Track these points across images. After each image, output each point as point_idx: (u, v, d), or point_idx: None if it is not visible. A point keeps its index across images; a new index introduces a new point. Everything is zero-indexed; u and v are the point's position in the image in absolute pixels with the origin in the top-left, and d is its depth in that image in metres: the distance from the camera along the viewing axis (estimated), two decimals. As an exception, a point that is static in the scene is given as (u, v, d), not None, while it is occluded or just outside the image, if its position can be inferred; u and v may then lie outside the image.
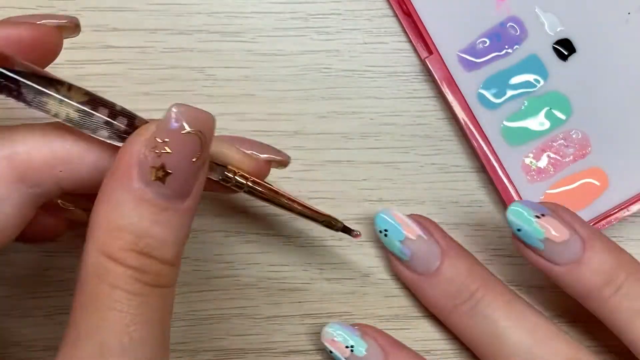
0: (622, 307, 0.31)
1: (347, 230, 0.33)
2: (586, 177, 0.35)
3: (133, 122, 0.26)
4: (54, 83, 0.25)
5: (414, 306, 0.36)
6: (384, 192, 0.36)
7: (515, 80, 0.34)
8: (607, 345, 0.35)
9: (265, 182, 0.30)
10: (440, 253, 0.34)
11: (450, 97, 0.34)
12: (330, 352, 0.34)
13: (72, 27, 0.28)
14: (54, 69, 0.35)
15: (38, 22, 0.27)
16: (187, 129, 0.24)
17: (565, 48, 0.34)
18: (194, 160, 0.24)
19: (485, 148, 0.34)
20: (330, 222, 0.32)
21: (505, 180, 0.34)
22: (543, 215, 0.31)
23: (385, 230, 0.34)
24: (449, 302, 0.33)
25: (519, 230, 0.31)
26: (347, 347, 0.34)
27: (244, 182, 0.29)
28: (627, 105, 0.34)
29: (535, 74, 0.34)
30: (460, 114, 0.34)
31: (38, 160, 0.26)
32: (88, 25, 0.35)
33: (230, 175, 0.28)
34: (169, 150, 0.24)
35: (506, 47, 0.34)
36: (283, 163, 0.31)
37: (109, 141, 0.25)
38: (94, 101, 0.25)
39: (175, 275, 0.26)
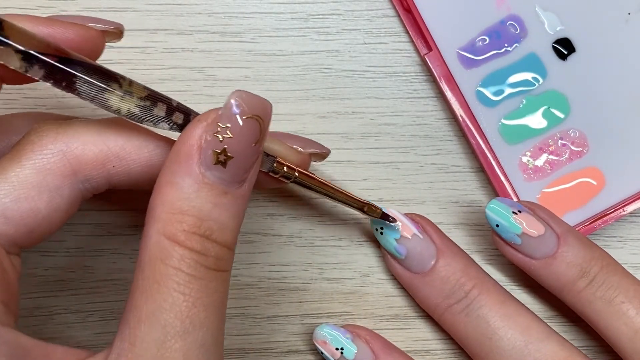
0: (595, 297, 0.32)
1: (385, 216, 0.34)
2: (583, 177, 0.35)
3: (189, 116, 0.26)
4: (116, 79, 0.25)
5: (413, 306, 0.36)
6: (384, 192, 0.36)
7: (514, 78, 0.35)
8: (606, 345, 0.35)
9: (310, 173, 0.31)
10: (436, 252, 0.34)
11: (449, 94, 0.34)
12: (322, 353, 0.34)
13: (117, 33, 0.29)
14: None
15: (86, 25, 0.27)
16: (248, 114, 0.25)
17: (564, 47, 0.34)
18: (253, 144, 0.25)
19: (482, 146, 0.34)
20: (370, 209, 0.33)
21: (502, 178, 0.34)
22: (520, 211, 0.33)
23: (381, 228, 0.34)
24: (443, 301, 0.34)
25: (497, 225, 0.33)
26: (337, 349, 0.34)
27: (292, 173, 0.30)
28: (625, 105, 0.35)
29: (534, 72, 0.34)
30: (459, 112, 0.34)
31: (92, 156, 0.26)
32: (89, 26, 0.35)
33: (278, 167, 0.29)
34: (230, 135, 0.24)
35: (506, 45, 0.35)
36: (324, 155, 0.32)
37: (170, 132, 0.26)
38: (153, 96, 0.26)
39: (232, 260, 0.26)
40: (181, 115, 0.26)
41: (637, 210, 0.35)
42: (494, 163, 0.34)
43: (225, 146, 0.24)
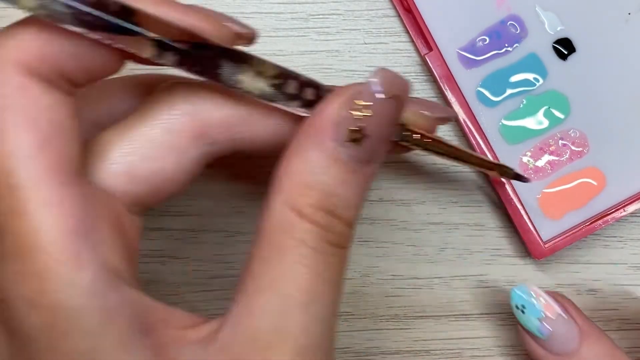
0: None
1: (519, 177, 0.33)
2: (583, 177, 0.35)
3: (319, 92, 0.26)
4: (248, 59, 0.25)
5: (413, 306, 0.36)
6: (384, 192, 0.36)
7: (514, 78, 0.34)
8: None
9: (438, 137, 0.30)
10: (579, 334, 0.32)
11: (449, 95, 0.34)
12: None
13: (249, 38, 0.28)
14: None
15: (222, 22, 0.26)
16: (389, 93, 0.24)
17: (565, 47, 0.34)
18: (390, 125, 0.25)
19: (483, 146, 0.34)
20: (504, 170, 0.33)
21: (503, 178, 0.34)
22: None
23: (523, 307, 0.33)
24: None
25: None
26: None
27: (421, 140, 0.29)
28: (626, 105, 0.34)
29: (534, 72, 0.34)
30: (459, 112, 0.34)
31: (220, 119, 0.26)
32: (88, 26, 0.35)
33: (408, 134, 0.28)
34: (369, 114, 0.24)
35: (506, 45, 0.35)
36: (451, 119, 0.31)
37: (299, 111, 0.26)
38: (284, 74, 0.25)
39: (351, 238, 0.26)
40: (312, 91, 0.26)
41: (637, 210, 0.34)
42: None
43: (363, 124, 0.24)
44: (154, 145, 0.25)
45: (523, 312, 0.33)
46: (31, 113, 0.22)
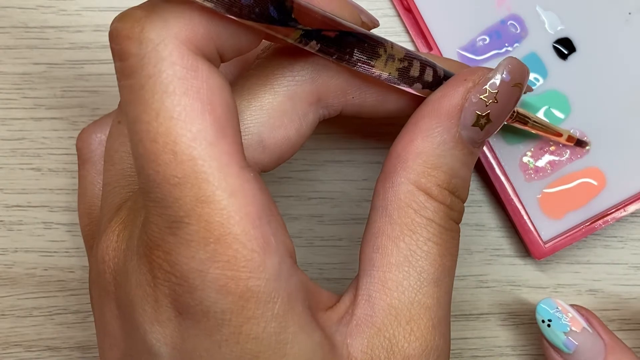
0: None
1: (580, 142, 0.34)
2: (584, 177, 0.35)
3: (436, 72, 0.27)
4: (382, 44, 0.25)
5: (413, 306, 0.36)
6: (384, 192, 0.36)
7: (514, 78, 0.34)
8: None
9: (524, 111, 0.31)
10: (604, 348, 0.32)
11: (449, 95, 0.34)
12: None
13: (370, 28, 0.28)
14: (53, 69, 0.35)
15: (359, 14, 0.27)
16: (514, 82, 0.26)
17: (565, 47, 0.34)
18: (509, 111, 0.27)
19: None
20: (570, 136, 0.34)
21: (503, 178, 0.34)
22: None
23: (549, 321, 0.33)
24: None
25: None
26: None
27: (516, 114, 0.31)
28: (626, 105, 0.34)
29: (534, 72, 0.34)
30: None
31: (337, 84, 0.26)
32: (88, 25, 0.35)
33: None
34: (497, 101, 0.25)
35: (506, 45, 0.34)
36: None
37: (419, 92, 0.27)
38: (410, 57, 0.26)
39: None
40: (430, 71, 0.26)
41: (638, 210, 0.34)
42: (494, 163, 0.34)
43: (489, 111, 0.25)
44: (279, 114, 0.25)
45: (549, 325, 0.33)
46: (206, 96, 0.21)
